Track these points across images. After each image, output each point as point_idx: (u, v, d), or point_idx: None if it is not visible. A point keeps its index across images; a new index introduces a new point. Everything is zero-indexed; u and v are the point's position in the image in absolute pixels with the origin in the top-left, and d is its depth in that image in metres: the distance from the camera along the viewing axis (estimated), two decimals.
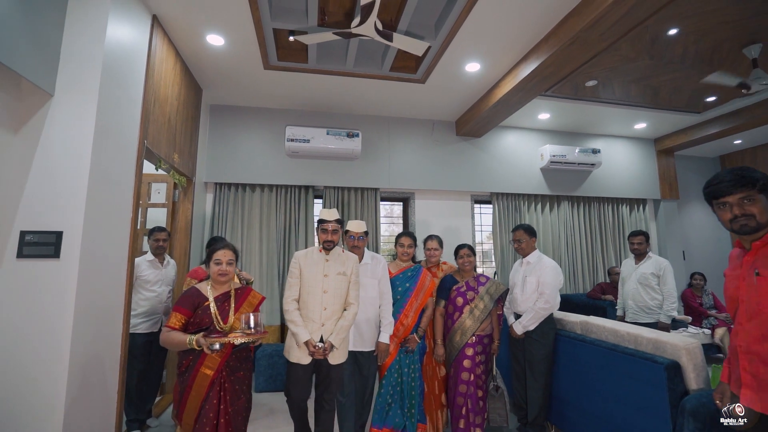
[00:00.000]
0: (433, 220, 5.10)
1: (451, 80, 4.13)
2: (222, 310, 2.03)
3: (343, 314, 2.34)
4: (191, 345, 1.86)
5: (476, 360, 2.73)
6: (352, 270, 2.42)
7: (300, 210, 4.72)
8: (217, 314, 2.00)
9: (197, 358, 1.94)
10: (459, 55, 3.66)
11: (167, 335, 1.93)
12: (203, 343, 1.83)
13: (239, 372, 2.03)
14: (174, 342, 1.91)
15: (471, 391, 2.69)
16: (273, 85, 4.21)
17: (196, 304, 2.01)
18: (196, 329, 1.97)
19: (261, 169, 4.63)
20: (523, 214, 5.36)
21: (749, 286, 1.38)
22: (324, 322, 2.28)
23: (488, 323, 2.80)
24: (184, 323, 1.98)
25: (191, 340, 1.86)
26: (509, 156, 5.41)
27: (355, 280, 2.43)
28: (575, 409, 2.63)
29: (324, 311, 2.29)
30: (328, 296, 2.31)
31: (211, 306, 2.01)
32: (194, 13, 3.02)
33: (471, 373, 2.70)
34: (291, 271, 2.41)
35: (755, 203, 1.34)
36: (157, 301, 3.01)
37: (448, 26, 3.23)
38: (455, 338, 2.76)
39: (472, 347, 2.72)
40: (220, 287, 2.10)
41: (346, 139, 4.63)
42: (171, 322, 1.97)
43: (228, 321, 2.02)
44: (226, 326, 2.00)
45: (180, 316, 1.98)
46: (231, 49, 3.53)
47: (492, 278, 2.92)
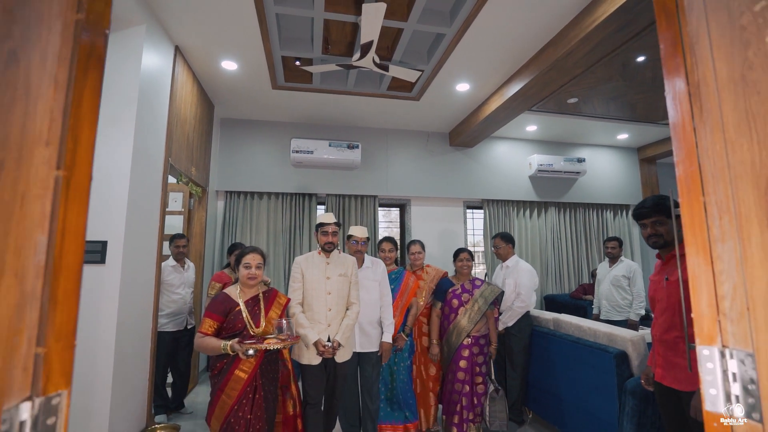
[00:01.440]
0: (428, 225, 5.52)
1: (444, 98, 4.54)
2: (253, 314, 2.10)
3: (347, 313, 2.46)
4: (226, 350, 1.92)
5: (472, 360, 2.87)
6: (352, 271, 2.54)
7: (304, 216, 5.13)
8: (249, 319, 2.08)
9: (232, 361, 2.01)
10: (450, 77, 4.06)
11: (202, 341, 2.00)
12: (238, 349, 1.90)
13: (270, 375, 2.12)
14: (209, 348, 1.97)
15: (466, 389, 2.83)
16: (280, 102, 4.62)
17: (227, 309, 2.08)
18: (229, 334, 2.05)
19: (268, 178, 5.04)
20: (513, 220, 5.77)
21: (662, 289, 1.80)
22: (330, 322, 2.40)
23: (483, 324, 2.94)
24: (216, 328, 2.04)
25: (225, 346, 1.92)
26: (499, 165, 5.82)
27: (355, 280, 2.54)
28: (547, 394, 3.04)
29: (329, 312, 2.41)
30: (331, 297, 2.43)
31: (243, 311, 2.08)
32: (212, 43, 3.43)
33: (466, 372, 2.84)
34: (293, 276, 2.49)
35: (663, 226, 1.76)
36: (182, 302, 3.42)
37: (438, 54, 3.64)
38: (451, 338, 2.91)
39: (468, 348, 2.86)
40: (249, 291, 2.16)
41: (346, 150, 5.04)
42: (204, 328, 2.03)
43: (260, 325, 2.10)
44: (259, 330, 2.07)
45: (212, 322, 2.04)
46: (243, 72, 3.93)
47: (487, 282, 3.06)
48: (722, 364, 0.86)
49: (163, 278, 3.34)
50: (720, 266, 0.88)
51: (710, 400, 0.88)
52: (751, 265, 0.82)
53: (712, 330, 0.89)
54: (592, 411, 2.56)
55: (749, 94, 0.82)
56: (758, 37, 0.78)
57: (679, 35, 0.98)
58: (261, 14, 3.04)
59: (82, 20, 0.66)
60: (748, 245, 0.82)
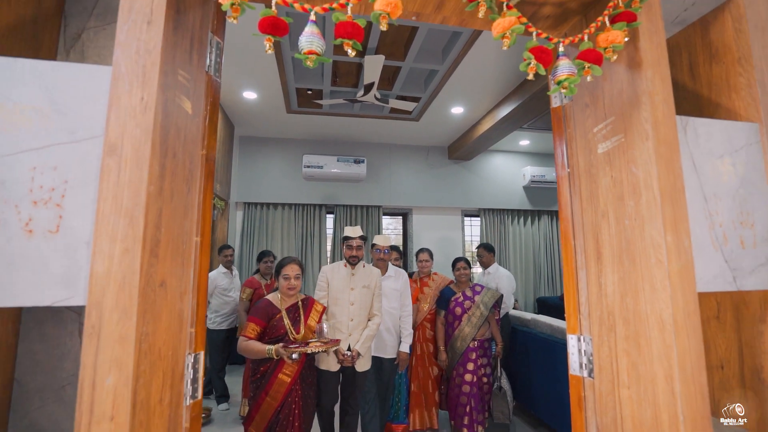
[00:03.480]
0: (429, 233, 6.07)
1: (441, 119, 5.09)
2: (294, 320, 2.21)
3: (368, 324, 2.54)
4: (270, 355, 2.00)
5: (478, 363, 3.00)
6: (376, 283, 2.61)
7: (314, 224, 5.73)
8: (290, 326, 2.18)
9: (276, 365, 2.09)
10: (445, 102, 4.62)
11: (246, 344, 2.07)
12: (283, 354, 1.98)
13: (309, 379, 2.21)
14: (253, 351, 2.04)
15: (474, 391, 2.95)
16: (293, 123, 5.21)
17: (269, 315, 2.18)
18: (271, 339, 2.14)
19: (282, 190, 5.65)
20: (508, 227, 6.30)
21: None
22: (351, 332, 2.47)
23: (486, 328, 3.09)
24: (259, 333, 2.13)
25: (270, 350, 2.00)
26: (495, 176, 6.35)
27: (378, 292, 2.62)
28: (526, 383, 3.58)
29: (351, 322, 2.48)
30: (354, 308, 2.50)
31: (284, 318, 2.19)
32: (237, 78, 4.03)
33: (474, 375, 2.97)
34: (319, 285, 2.58)
35: None
36: (234, 304, 3.93)
37: (434, 85, 4.19)
38: (456, 344, 3.04)
39: (474, 351, 3.00)
40: (289, 299, 2.27)
41: (353, 165, 5.62)
42: (247, 332, 2.11)
43: (300, 331, 2.19)
44: (299, 336, 2.17)
45: (255, 326, 2.13)
46: (261, 100, 4.53)
47: (486, 287, 3.21)
48: (579, 345, 1.44)
49: (216, 284, 3.85)
50: (580, 285, 1.46)
51: (573, 367, 1.46)
52: (591, 284, 1.40)
53: (574, 324, 1.46)
54: (560, 397, 3.10)
55: (591, 180, 1.40)
56: (595, 147, 1.35)
57: (564, 133, 1.56)
58: (279, 58, 3.63)
59: (205, 155, 1.25)
60: (590, 273, 1.40)
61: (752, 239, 1.23)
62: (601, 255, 1.35)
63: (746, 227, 1.23)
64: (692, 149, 1.24)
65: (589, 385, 1.40)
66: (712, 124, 1.27)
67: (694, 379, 1.06)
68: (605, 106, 1.33)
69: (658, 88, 1.18)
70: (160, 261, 0.93)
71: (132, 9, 0.92)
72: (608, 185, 1.31)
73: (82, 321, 1.17)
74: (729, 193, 1.24)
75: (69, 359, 1.14)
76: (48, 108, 0.89)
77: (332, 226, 5.87)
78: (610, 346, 1.30)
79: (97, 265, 0.82)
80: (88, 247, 0.86)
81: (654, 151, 1.14)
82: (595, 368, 1.37)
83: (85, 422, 0.78)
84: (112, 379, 0.80)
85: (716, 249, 1.20)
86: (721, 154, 1.26)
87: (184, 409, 1.09)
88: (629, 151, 1.23)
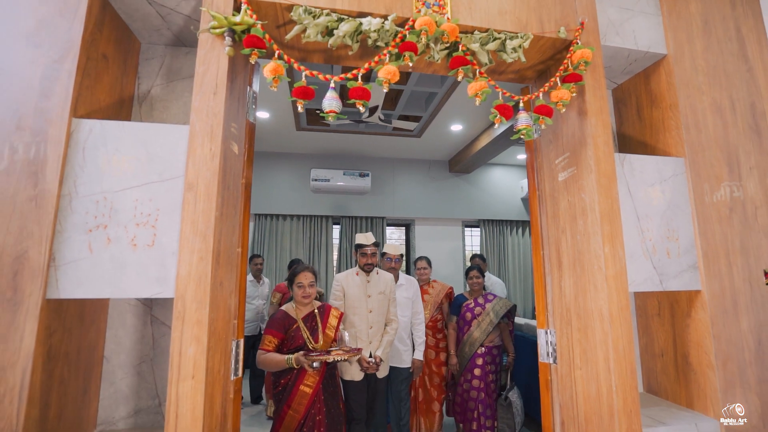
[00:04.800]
0: (431, 243, 6.40)
1: (441, 135, 5.46)
2: (311, 329, 2.17)
3: (386, 330, 2.55)
4: (290, 364, 1.96)
5: (486, 369, 3.03)
6: (390, 288, 2.63)
7: (321, 235, 6.08)
8: (308, 336, 2.13)
9: (296, 376, 2.04)
10: (445, 120, 4.98)
11: (264, 357, 2.03)
12: (303, 362, 1.93)
13: (331, 389, 2.15)
14: (272, 363, 2.01)
15: (482, 396, 2.99)
16: (302, 139, 5.60)
17: (286, 326, 2.13)
18: (290, 350, 2.09)
19: (291, 202, 6.02)
20: (506, 237, 6.61)
21: None
22: (371, 339, 2.47)
23: (496, 335, 3.13)
24: (276, 345, 2.09)
25: (290, 359, 1.96)
26: (494, 188, 6.69)
27: (393, 297, 2.63)
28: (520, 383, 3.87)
29: (370, 330, 2.48)
30: (372, 315, 2.50)
31: (302, 328, 2.14)
32: None
33: (481, 380, 3.01)
34: (334, 294, 2.55)
35: None
36: (256, 312, 4.28)
37: (433, 105, 4.56)
38: (465, 349, 3.10)
39: (482, 357, 3.04)
40: (304, 308, 2.22)
41: (358, 178, 5.99)
42: (265, 345, 2.07)
43: (318, 340, 2.14)
44: (318, 345, 2.13)
45: (272, 338, 2.08)
46: (273, 119, 4.93)
47: (498, 297, 3.24)
48: (546, 337, 1.77)
49: None
50: (547, 288, 1.79)
51: (542, 355, 1.79)
52: (555, 287, 1.74)
53: (543, 320, 1.79)
54: None
55: (554, 202, 1.74)
56: (556, 175, 1.69)
57: (534, 162, 1.90)
58: (291, 84, 4.02)
59: (244, 183, 1.61)
60: (554, 278, 1.74)
61: (677, 251, 1.56)
62: (561, 263, 1.69)
63: (672, 241, 1.56)
64: (629, 179, 1.58)
65: (554, 369, 1.73)
66: (645, 159, 1.62)
67: (625, 358, 1.39)
68: (563, 143, 1.69)
69: (600, 132, 1.53)
70: (220, 267, 1.28)
71: (203, 83, 1.28)
72: (566, 207, 1.66)
73: (153, 313, 1.51)
74: (658, 213, 1.58)
75: (143, 342, 1.49)
76: (144, 156, 1.25)
77: (338, 237, 6.22)
78: (568, 337, 1.63)
79: (182, 269, 1.17)
80: (174, 257, 1.22)
81: (596, 182, 1.49)
82: (558, 355, 1.70)
83: (175, 379, 1.13)
84: (192, 350, 1.15)
85: (647, 258, 1.54)
86: (652, 183, 1.60)
87: (231, 382, 1.43)
88: (580, 180, 1.57)
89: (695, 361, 1.58)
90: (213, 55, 1.30)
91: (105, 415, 1.44)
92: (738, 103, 1.72)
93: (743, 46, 1.78)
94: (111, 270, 1.18)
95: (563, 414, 1.65)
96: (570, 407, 1.60)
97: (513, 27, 1.54)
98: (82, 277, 1.16)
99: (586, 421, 1.51)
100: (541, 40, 1.57)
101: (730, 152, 1.67)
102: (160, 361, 1.49)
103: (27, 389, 1.07)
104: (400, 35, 1.43)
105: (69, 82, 1.22)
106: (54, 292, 1.14)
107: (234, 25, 1.31)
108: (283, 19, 1.46)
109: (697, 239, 1.58)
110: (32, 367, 1.08)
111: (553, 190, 1.75)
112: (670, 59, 1.70)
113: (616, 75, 1.92)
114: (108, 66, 1.41)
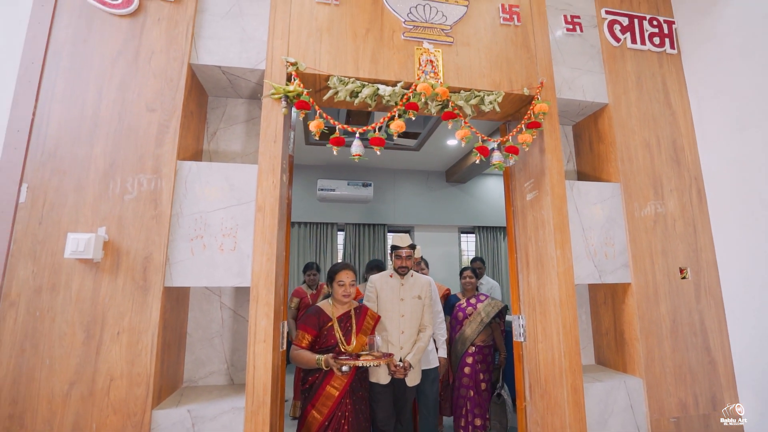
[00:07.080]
0: (429, 248, 6.94)
1: (438, 149, 6.02)
2: (345, 331, 2.14)
3: (419, 336, 2.46)
4: (319, 364, 1.96)
5: (476, 367, 3.12)
6: (427, 293, 2.55)
7: (327, 240, 6.62)
8: (341, 337, 2.11)
9: (324, 376, 2.04)
10: (441, 136, 5.55)
11: (297, 353, 2.05)
12: (332, 365, 1.92)
13: (359, 392, 2.13)
14: (303, 360, 2.02)
15: (471, 394, 3.08)
16: (310, 152, 6.16)
17: (320, 323, 2.12)
18: (321, 348, 2.10)
19: (299, 210, 6.55)
20: (500, 243, 7.16)
21: None
22: (402, 344, 2.39)
23: (487, 335, 3.22)
24: (310, 342, 2.08)
25: (320, 360, 1.96)
26: (488, 197, 7.25)
27: (429, 303, 2.55)
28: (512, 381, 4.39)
29: (402, 335, 2.41)
30: (405, 320, 2.43)
31: (336, 328, 2.13)
32: None
33: (470, 378, 3.11)
34: (368, 296, 2.51)
35: None
36: None
37: (431, 123, 5.13)
38: (457, 347, 3.20)
39: (472, 356, 3.14)
40: (342, 307, 2.21)
41: (361, 188, 6.54)
42: (298, 341, 2.09)
43: (351, 342, 2.12)
44: (350, 347, 2.10)
45: (306, 335, 2.08)
46: None
47: (490, 297, 3.35)
48: (519, 321, 2.32)
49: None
50: (520, 283, 2.34)
51: (516, 335, 2.34)
52: (524, 282, 2.28)
53: (517, 309, 2.33)
54: None
55: (523, 216, 2.30)
56: (525, 195, 2.24)
57: (510, 184, 2.45)
58: None
59: (288, 202, 2.15)
60: (524, 274, 2.29)
61: (613, 253, 2.12)
62: (528, 263, 2.24)
63: (609, 246, 2.12)
64: (576, 200, 2.14)
65: (524, 346, 2.27)
66: (589, 184, 2.18)
67: (570, 333, 1.94)
68: (529, 171, 2.24)
69: (555, 165, 2.08)
70: (278, 265, 1.82)
71: (266, 134, 1.83)
72: (531, 220, 2.21)
73: (222, 300, 2.04)
74: (599, 225, 2.14)
75: (215, 321, 2.02)
76: (227, 187, 1.79)
77: (342, 242, 6.76)
78: (533, 320, 2.18)
79: (255, 266, 1.71)
80: (249, 258, 1.76)
81: (551, 203, 2.04)
82: (527, 335, 2.24)
83: (251, 342, 1.66)
84: (264, 322, 1.68)
85: (589, 259, 2.09)
86: (594, 203, 2.16)
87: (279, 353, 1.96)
88: (540, 200, 2.12)
89: (627, 337, 2.13)
90: (273, 113, 1.86)
91: (188, 375, 1.96)
92: (662, 140, 2.28)
93: (668, 96, 2.35)
94: (206, 267, 1.72)
95: (530, 378, 2.19)
96: (535, 372, 2.14)
97: (489, 86, 2.10)
98: (187, 272, 1.70)
99: (545, 381, 2.05)
100: (510, 95, 2.13)
101: (655, 178, 2.23)
102: (228, 336, 2.02)
103: (155, 348, 1.61)
104: (406, 96, 1.99)
105: (175, 135, 1.76)
106: (169, 282, 1.68)
107: (288, 92, 1.86)
108: (320, 85, 2.02)
109: (628, 244, 2.13)
110: (158, 333, 1.62)
111: (523, 207, 2.31)
112: (610, 107, 2.27)
113: (573, 116, 2.48)
114: (193, 118, 1.96)
